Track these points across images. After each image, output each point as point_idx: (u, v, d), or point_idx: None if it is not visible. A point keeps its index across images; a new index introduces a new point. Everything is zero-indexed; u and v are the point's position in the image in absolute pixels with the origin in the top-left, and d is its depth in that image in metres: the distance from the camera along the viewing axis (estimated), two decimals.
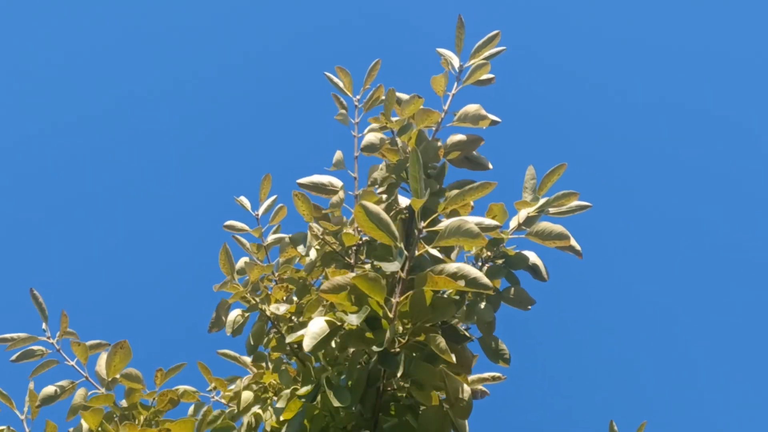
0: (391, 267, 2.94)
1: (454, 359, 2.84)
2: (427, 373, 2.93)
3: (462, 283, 2.84)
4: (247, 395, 3.86)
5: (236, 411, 3.75)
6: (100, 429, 3.28)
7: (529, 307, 3.52)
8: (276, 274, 3.86)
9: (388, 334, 2.85)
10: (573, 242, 3.42)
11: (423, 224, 3.12)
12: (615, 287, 8.68)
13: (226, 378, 4.00)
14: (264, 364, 3.97)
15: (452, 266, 2.94)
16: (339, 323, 2.95)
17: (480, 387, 3.70)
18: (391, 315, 2.93)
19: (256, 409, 3.87)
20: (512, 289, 3.42)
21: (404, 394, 3.05)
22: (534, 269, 3.46)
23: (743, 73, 9.19)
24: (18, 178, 9.05)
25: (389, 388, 3.02)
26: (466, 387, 3.21)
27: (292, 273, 3.86)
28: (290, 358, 3.90)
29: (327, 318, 2.98)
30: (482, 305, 3.39)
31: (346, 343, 2.97)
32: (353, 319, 2.88)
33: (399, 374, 2.93)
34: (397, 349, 2.95)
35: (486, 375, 3.82)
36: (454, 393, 3.15)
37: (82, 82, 9.39)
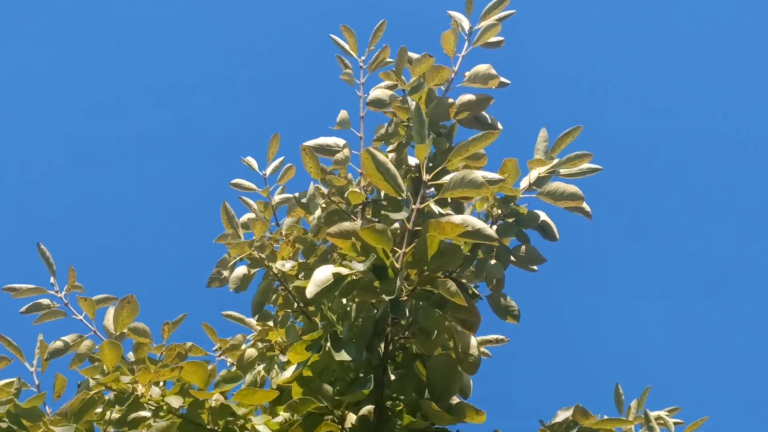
0: (398, 216, 2.87)
1: (465, 302, 2.76)
2: (434, 320, 2.85)
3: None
4: (250, 352, 3.78)
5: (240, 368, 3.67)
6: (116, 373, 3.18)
7: (535, 268, 3.46)
8: (283, 234, 3.77)
9: (397, 282, 2.77)
10: (584, 203, 3.36)
11: (428, 177, 3.06)
12: (621, 254, 8.61)
13: (231, 339, 3.92)
14: (270, 323, 3.88)
15: (458, 217, 2.88)
16: (345, 273, 2.86)
17: (482, 349, 3.63)
18: (398, 265, 2.85)
19: (260, 367, 3.78)
20: (523, 247, 3.36)
21: (411, 344, 2.96)
22: (544, 228, 3.39)
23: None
24: (22, 131, 8.92)
25: (397, 337, 2.93)
26: (474, 342, 3.13)
27: (299, 233, 3.78)
28: (296, 317, 3.82)
29: (333, 267, 2.89)
30: (492, 262, 3.32)
31: (352, 292, 2.88)
32: (359, 267, 2.80)
33: (406, 322, 2.86)
34: (405, 298, 2.86)
35: (490, 337, 3.74)
36: (463, 348, 3.07)
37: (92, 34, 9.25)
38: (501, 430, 3.31)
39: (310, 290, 2.85)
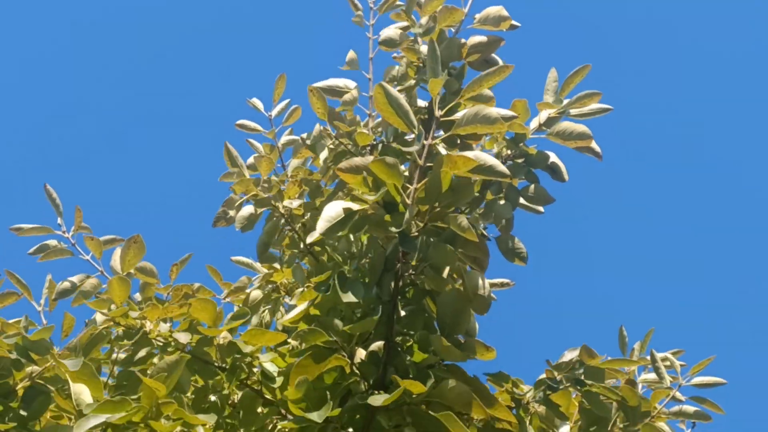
0: (410, 149, 2.84)
1: (476, 237, 2.74)
2: (444, 256, 2.82)
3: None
4: (255, 294, 3.76)
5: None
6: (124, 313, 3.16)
7: (542, 210, 3.44)
8: (289, 175, 3.74)
9: (407, 215, 2.74)
10: (594, 143, 3.33)
11: (441, 113, 3.02)
12: (628, 194, 8.57)
13: (236, 284, 3.90)
14: (276, 265, 3.87)
15: (470, 153, 2.85)
16: (356, 208, 2.83)
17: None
18: (408, 201, 2.83)
19: (265, 309, 3.77)
20: (532, 186, 3.34)
21: (422, 281, 2.94)
22: (553, 169, 3.36)
23: None
24: (27, 69, 8.85)
25: (407, 273, 2.91)
26: (485, 281, 3.12)
27: (305, 174, 3.74)
28: (302, 259, 3.80)
29: (343, 203, 2.86)
30: (501, 202, 3.30)
31: (363, 228, 2.85)
32: (369, 198, 2.77)
33: (417, 258, 2.84)
34: (415, 233, 2.84)
35: (495, 281, 3.73)
36: (473, 288, 3.05)
37: None
38: (506, 372, 3.31)
39: (321, 226, 2.82)
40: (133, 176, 8.63)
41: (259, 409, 3.31)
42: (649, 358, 3.59)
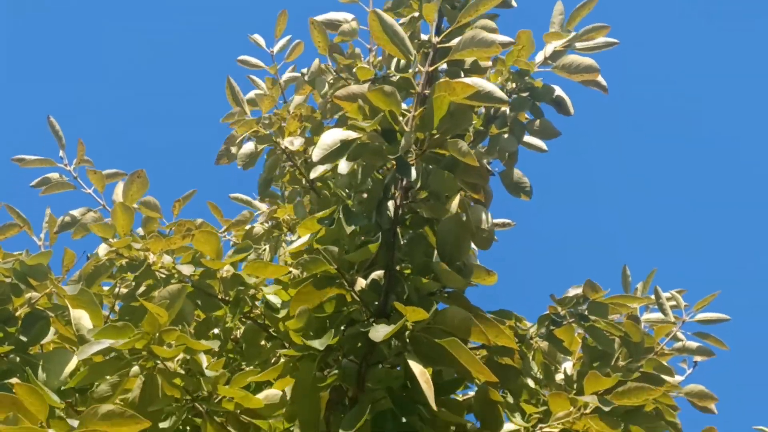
0: (406, 75, 2.81)
1: (476, 162, 2.69)
2: (444, 183, 2.78)
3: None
4: (257, 229, 3.74)
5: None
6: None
7: (545, 148, 3.40)
8: (290, 111, 3.70)
9: (403, 142, 2.70)
10: (600, 76, 3.28)
11: (437, 39, 2.97)
12: (634, 132, 8.49)
13: (237, 218, 3.86)
14: (278, 203, 3.84)
15: (468, 79, 2.80)
16: (353, 136, 2.79)
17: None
18: (407, 128, 2.79)
19: (266, 246, 3.74)
20: (537, 121, 3.29)
21: (421, 209, 2.90)
22: (559, 102, 3.31)
23: None
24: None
25: (406, 201, 2.86)
26: (488, 216, 3.08)
27: (307, 111, 3.70)
28: (304, 196, 3.77)
29: (341, 131, 2.82)
30: (505, 136, 3.26)
31: (360, 156, 2.81)
32: (365, 125, 2.73)
33: (416, 186, 2.80)
34: (413, 161, 2.80)
35: (496, 221, 3.69)
36: (476, 222, 3.01)
37: None
38: (509, 310, 3.28)
39: (317, 154, 2.78)
40: (133, 115, 8.57)
41: (263, 342, 3.29)
42: (652, 297, 3.57)
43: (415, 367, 2.52)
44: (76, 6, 9.07)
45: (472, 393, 3.04)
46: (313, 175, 3.10)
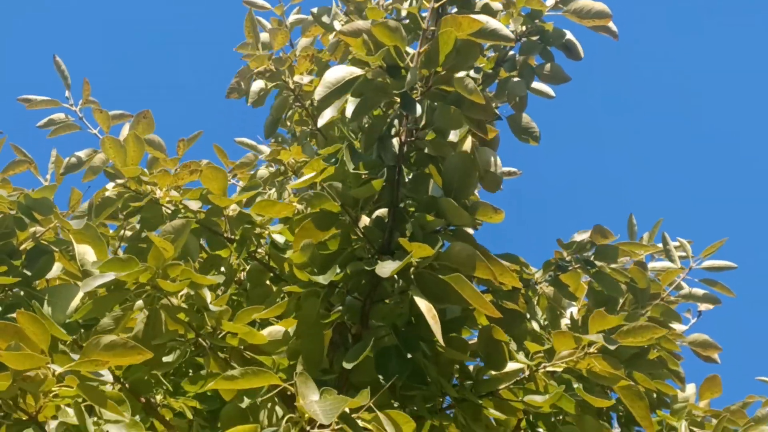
0: (411, 9, 2.77)
1: (482, 99, 2.65)
2: (449, 119, 2.74)
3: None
4: (262, 172, 3.70)
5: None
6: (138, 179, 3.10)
7: (553, 95, 3.35)
8: (297, 54, 3.65)
9: (409, 77, 2.65)
10: (611, 22, 3.22)
11: None
12: (642, 79, 8.37)
13: (242, 159, 3.82)
14: (284, 146, 3.80)
15: (474, 15, 2.74)
16: (357, 72, 2.74)
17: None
18: (412, 64, 2.74)
19: (271, 191, 3.70)
20: (547, 65, 3.24)
21: (426, 147, 2.86)
22: (569, 47, 3.25)
23: None
24: None
25: (411, 138, 2.82)
26: (497, 159, 3.04)
27: (315, 52, 3.65)
28: (310, 140, 3.73)
29: (345, 67, 2.77)
30: (515, 80, 3.21)
31: (364, 93, 2.76)
32: (370, 60, 2.68)
33: (421, 123, 2.75)
34: (419, 97, 2.76)
35: (503, 169, 3.65)
36: (484, 164, 2.98)
37: None
38: (514, 254, 3.24)
39: (320, 92, 2.73)
40: (138, 59, 8.49)
41: (267, 283, 3.27)
42: (659, 246, 3.54)
43: (421, 303, 2.49)
44: None
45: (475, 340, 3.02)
46: (320, 122, 3.05)
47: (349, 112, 2.80)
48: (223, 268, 3.26)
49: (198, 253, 3.13)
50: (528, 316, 3.16)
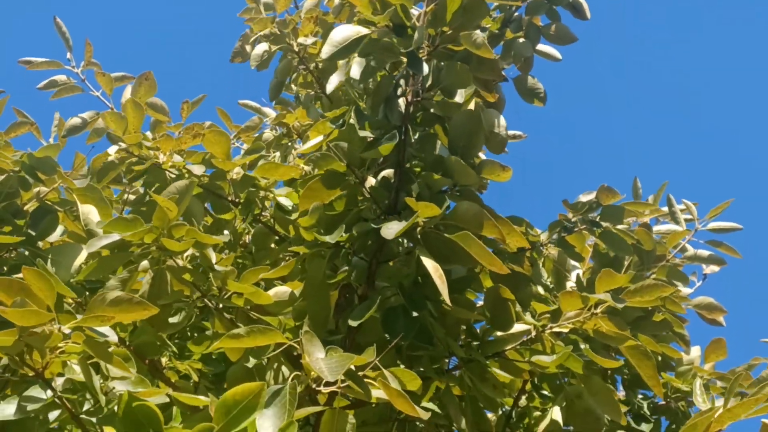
0: None
1: (491, 54, 2.61)
2: (457, 77, 2.70)
3: None
4: (267, 135, 3.68)
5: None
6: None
7: (559, 57, 3.31)
8: (302, 16, 3.61)
9: (416, 36, 2.62)
10: None
11: None
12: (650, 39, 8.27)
13: (246, 123, 3.79)
14: (288, 109, 3.77)
15: None
16: (364, 32, 2.70)
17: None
18: (419, 23, 2.70)
19: (275, 154, 3.67)
20: (553, 25, 3.20)
21: (433, 107, 2.82)
22: (575, 6, 3.21)
23: None
24: None
25: (418, 98, 2.79)
26: (502, 120, 3.01)
27: (320, 14, 3.61)
28: (315, 103, 3.70)
29: (351, 26, 2.73)
30: (521, 40, 3.17)
31: (371, 52, 2.73)
32: (376, 19, 2.65)
33: (428, 82, 2.72)
34: (426, 56, 2.72)
35: (509, 132, 3.62)
36: (489, 125, 2.94)
37: None
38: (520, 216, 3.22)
39: (326, 51, 2.69)
40: (141, 21, 8.40)
41: (272, 246, 3.25)
42: (665, 209, 3.51)
43: (428, 262, 2.47)
44: None
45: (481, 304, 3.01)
46: (329, 88, 3.01)
47: (355, 73, 2.77)
48: (227, 232, 3.24)
49: (203, 217, 3.11)
50: (533, 279, 3.14)
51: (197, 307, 2.74)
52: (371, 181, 2.76)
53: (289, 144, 3.68)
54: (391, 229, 2.54)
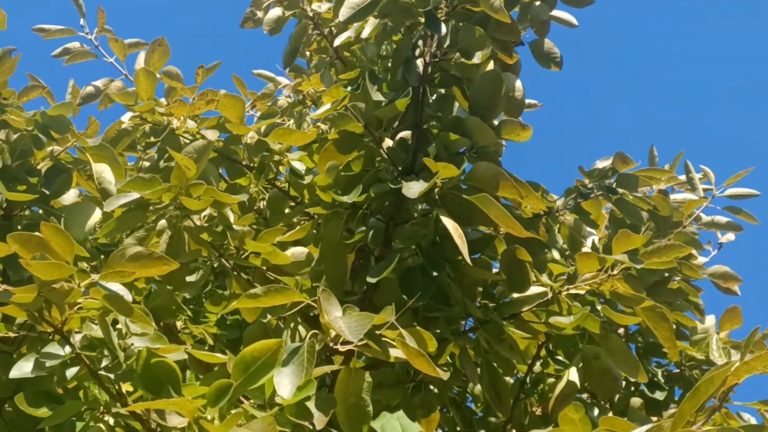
0: None
1: (508, 18, 2.58)
2: (474, 39, 2.67)
3: None
4: (282, 102, 3.65)
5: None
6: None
7: (575, 24, 3.28)
8: None
9: None
10: None
11: None
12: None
13: (262, 90, 3.77)
14: (302, 76, 3.74)
15: None
16: None
17: None
18: None
19: (290, 122, 3.65)
20: None
21: (450, 68, 2.79)
22: None
23: None
24: None
25: (436, 59, 2.76)
26: (519, 84, 2.98)
27: None
28: (330, 68, 3.67)
29: None
30: (537, 3, 3.14)
31: (389, 13, 2.69)
32: None
33: (446, 43, 2.69)
34: (444, 17, 2.69)
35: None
36: (507, 90, 2.91)
37: None
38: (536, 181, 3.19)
39: (343, 13, 2.66)
40: None
41: (287, 210, 3.23)
42: (682, 177, 3.49)
43: (448, 222, 2.45)
44: None
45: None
46: (336, 42, 2.99)
47: (366, 33, 2.74)
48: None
49: (218, 182, 3.09)
50: (549, 245, 3.12)
51: (213, 273, 2.72)
52: (388, 142, 2.73)
53: (304, 111, 3.66)
54: (413, 189, 2.52)
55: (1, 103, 2.74)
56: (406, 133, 2.74)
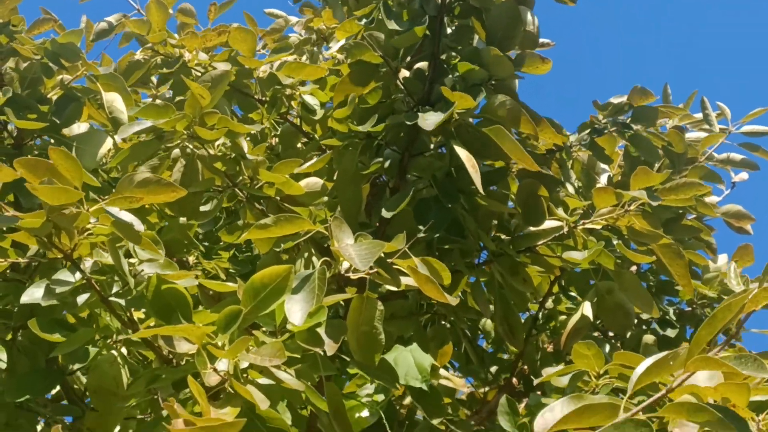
0: None
1: None
2: None
3: None
4: (293, 38, 3.54)
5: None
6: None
7: None
8: None
9: None
10: None
11: None
12: None
13: (272, 26, 3.65)
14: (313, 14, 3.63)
15: None
16: None
17: None
18: None
19: (303, 58, 3.53)
20: None
21: None
22: None
23: None
24: None
25: None
26: (533, 18, 2.86)
27: None
28: (342, 5, 3.55)
29: None
30: None
31: None
32: None
33: None
34: None
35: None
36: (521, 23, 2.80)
37: None
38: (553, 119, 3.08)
39: None
40: None
41: (299, 145, 3.14)
42: (698, 116, 3.37)
43: (462, 152, 2.35)
44: None
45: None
46: None
47: None
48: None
49: (231, 117, 2.99)
50: (562, 180, 3.02)
51: (226, 211, 2.63)
52: (405, 73, 2.62)
53: (315, 49, 3.55)
54: (429, 120, 2.41)
55: (10, 30, 2.64)
56: (422, 64, 2.63)
